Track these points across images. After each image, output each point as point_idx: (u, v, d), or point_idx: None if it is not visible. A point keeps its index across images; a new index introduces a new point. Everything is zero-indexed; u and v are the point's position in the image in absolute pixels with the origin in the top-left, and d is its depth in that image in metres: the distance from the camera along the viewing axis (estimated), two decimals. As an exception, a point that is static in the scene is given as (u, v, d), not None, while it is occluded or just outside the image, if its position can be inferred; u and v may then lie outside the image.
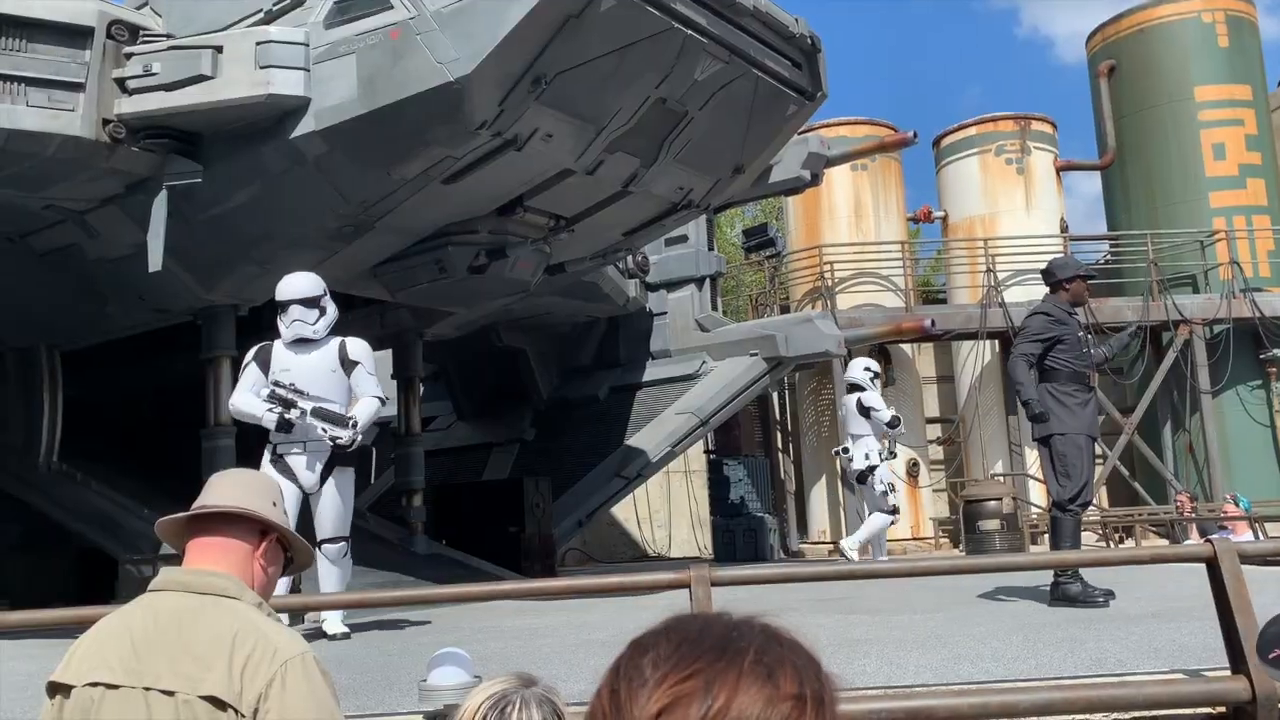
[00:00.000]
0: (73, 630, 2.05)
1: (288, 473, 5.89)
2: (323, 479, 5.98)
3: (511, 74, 6.25)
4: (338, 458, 5.98)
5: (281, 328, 6.12)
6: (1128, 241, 19.92)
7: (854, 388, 10.11)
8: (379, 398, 6.21)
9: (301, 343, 6.08)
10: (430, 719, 3.56)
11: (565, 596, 6.22)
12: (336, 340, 6.16)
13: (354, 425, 5.92)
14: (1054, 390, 6.15)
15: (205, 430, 8.18)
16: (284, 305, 6.09)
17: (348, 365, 6.11)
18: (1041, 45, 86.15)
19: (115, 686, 1.78)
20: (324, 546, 5.92)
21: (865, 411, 9.92)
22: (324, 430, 5.84)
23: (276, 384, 5.92)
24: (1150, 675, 3.67)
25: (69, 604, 3.91)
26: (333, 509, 6.00)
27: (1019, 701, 3.26)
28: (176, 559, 2.03)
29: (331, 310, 6.21)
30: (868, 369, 10.12)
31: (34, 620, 3.75)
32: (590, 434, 12.65)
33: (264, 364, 6.11)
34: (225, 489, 2.01)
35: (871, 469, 9.87)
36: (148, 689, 1.76)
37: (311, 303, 6.11)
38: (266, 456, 5.98)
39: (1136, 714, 3.37)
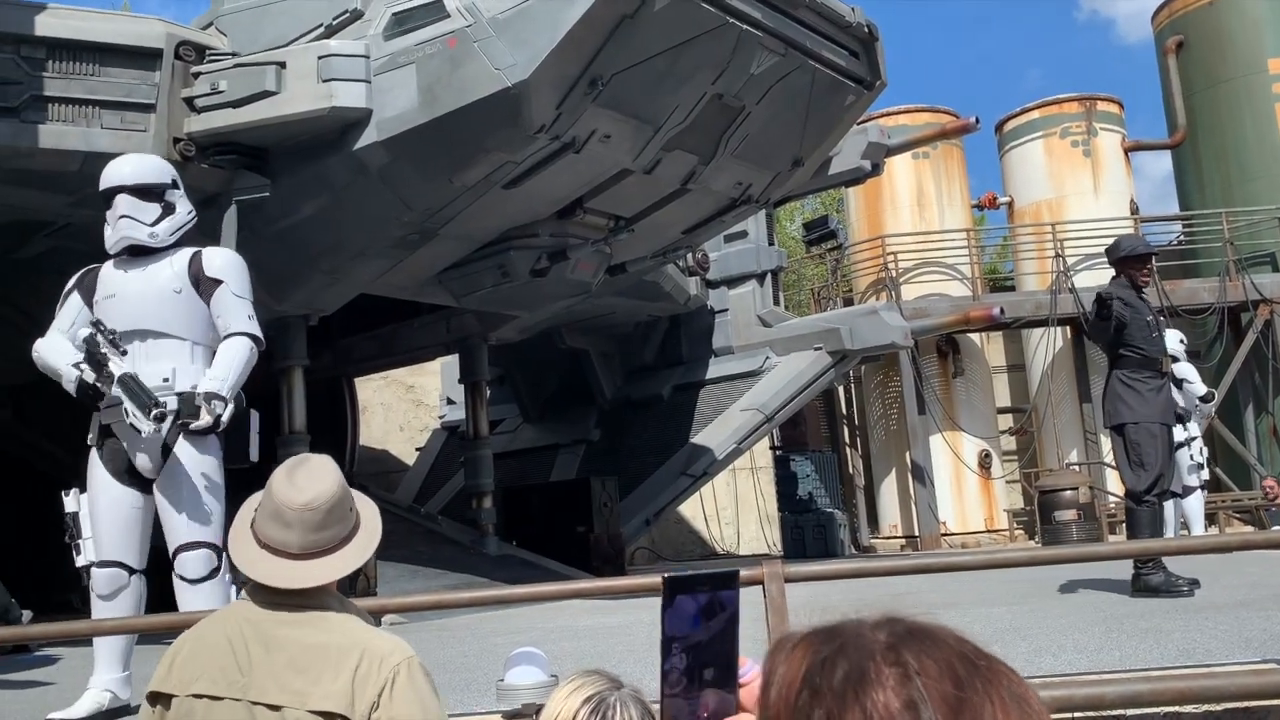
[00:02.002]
0: (161, 637, 2.09)
1: (116, 459, 4.09)
2: (166, 456, 4.06)
3: (568, 77, 6.29)
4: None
5: (107, 232, 4.26)
6: (1202, 221, 19.36)
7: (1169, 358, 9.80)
8: (252, 335, 4.19)
9: (136, 254, 4.22)
10: (508, 718, 3.59)
11: (639, 595, 6.21)
12: (188, 251, 4.26)
13: (171, 409, 3.90)
14: (1125, 377, 5.95)
15: (279, 438, 8.36)
16: (104, 197, 4.25)
17: (204, 284, 4.18)
18: (1103, 26, 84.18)
19: (218, 699, 1.77)
20: (180, 557, 4.03)
21: (1178, 383, 9.51)
22: (128, 415, 3.86)
23: (97, 326, 4.02)
24: (1242, 665, 3.56)
25: (154, 610, 4.03)
26: (189, 500, 4.05)
27: (1105, 694, 3.18)
28: None
29: (183, 210, 4.35)
30: (1182, 340, 9.76)
31: (127, 627, 3.87)
32: (655, 433, 12.67)
33: (88, 291, 4.27)
34: (312, 535, 1.86)
35: (1179, 445, 9.36)
36: (254, 703, 1.75)
37: (149, 193, 4.24)
38: (94, 430, 4.17)
39: (1228, 705, 3.27)
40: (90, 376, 3.92)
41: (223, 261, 4.28)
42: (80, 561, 4.01)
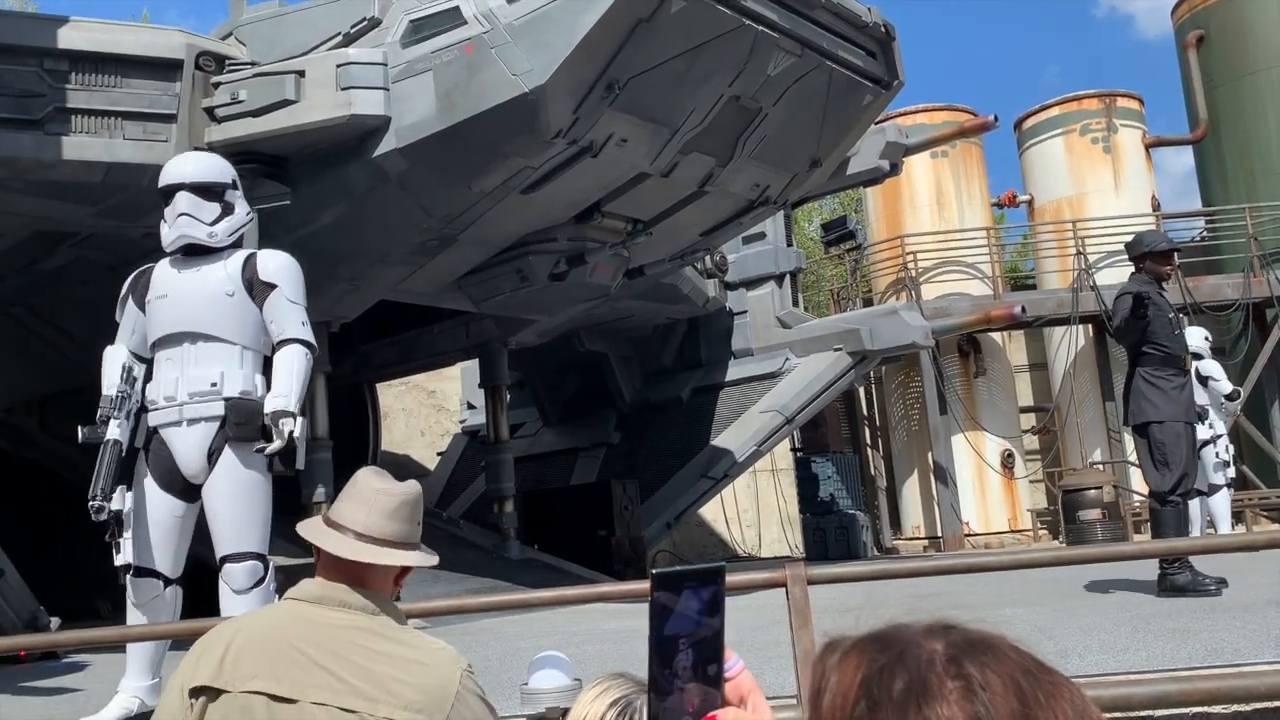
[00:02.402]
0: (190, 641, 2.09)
1: (161, 463, 4.06)
2: (212, 462, 4.03)
3: (585, 81, 6.30)
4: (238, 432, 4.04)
5: (163, 230, 4.21)
6: (1225, 216, 19.18)
7: (1194, 356, 9.77)
8: (306, 342, 4.13)
9: (191, 254, 4.14)
10: (533, 722, 3.59)
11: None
12: (242, 253, 4.22)
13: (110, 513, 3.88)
14: (1149, 375, 5.89)
15: (303, 445, 8.40)
16: (164, 193, 4.19)
17: (258, 288, 4.11)
18: (1121, 23, 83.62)
19: (281, 699, 1.74)
20: (227, 568, 4.03)
21: (1203, 380, 9.44)
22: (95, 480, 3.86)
23: (128, 374, 4.06)
24: (1271, 665, 3.53)
25: (182, 617, 4.06)
26: (236, 509, 4.02)
27: (1134, 695, 3.16)
28: (282, 571, 2.00)
29: (241, 211, 4.33)
30: (1207, 337, 9.69)
31: (155, 633, 3.90)
32: (675, 436, 12.66)
33: (141, 294, 4.20)
34: (384, 522, 1.90)
35: (1204, 443, 9.30)
36: (320, 704, 1.73)
37: (209, 191, 4.19)
38: (142, 432, 4.09)
39: (1258, 705, 3.24)
40: (101, 415, 4.02)
41: (277, 265, 4.20)
42: (119, 561, 4.00)
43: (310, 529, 1.94)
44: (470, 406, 15.22)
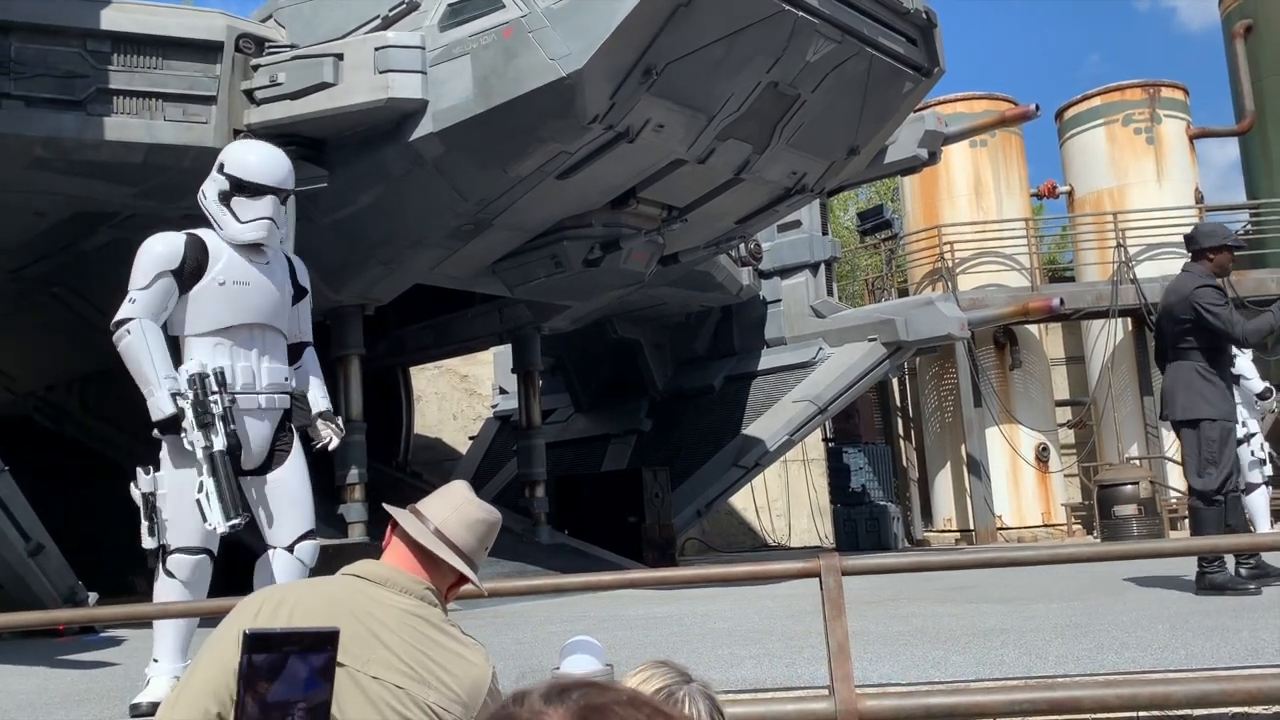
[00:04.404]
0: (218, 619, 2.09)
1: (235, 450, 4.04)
2: (276, 449, 4.18)
3: (622, 66, 6.27)
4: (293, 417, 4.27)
5: (226, 219, 4.17)
6: (1270, 209, 18.82)
7: None
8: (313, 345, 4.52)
9: (252, 250, 4.21)
10: (563, 706, 3.59)
11: (696, 585, 6.18)
12: (281, 255, 4.38)
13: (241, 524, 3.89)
14: (1203, 370, 5.76)
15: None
16: (251, 188, 4.18)
17: (297, 292, 4.38)
18: (1164, 15, 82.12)
19: (341, 664, 1.76)
20: (301, 545, 4.15)
21: (1235, 378, 9.34)
22: (201, 492, 3.88)
23: (217, 377, 3.99)
24: (1314, 666, 3.46)
25: (217, 594, 4.09)
26: (304, 492, 4.23)
27: (1172, 693, 3.11)
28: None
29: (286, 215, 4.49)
30: None
31: (190, 609, 3.94)
32: (707, 424, 12.64)
33: (195, 272, 4.08)
34: (461, 530, 2.01)
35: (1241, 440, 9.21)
36: (374, 677, 1.79)
37: (287, 198, 4.36)
38: (190, 418, 3.94)
39: (1301, 707, 3.18)
40: (188, 423, 3.90)
41: (305, 273, 4.47)
42: (150, 544, 4.01)
43: (402, 514, 2.05)
44: (502, 391, 15.27)
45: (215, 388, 3.95)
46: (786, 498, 16.69)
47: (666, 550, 10.86)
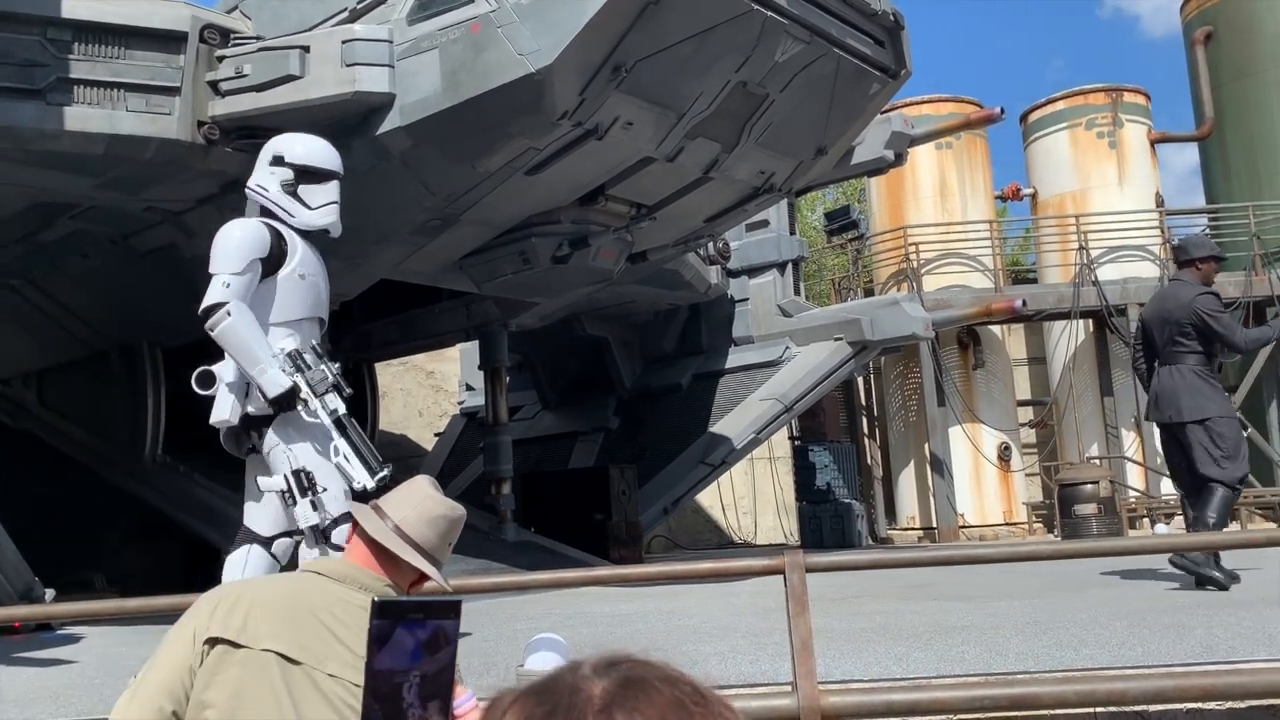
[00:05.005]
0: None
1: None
2: None
3: (592, 63, 6.26)
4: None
5: (296, 206, 4.21)
6: (1228, 214, 19.15)
7: None
8: None
9: (311, 239, 4.28)
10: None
11: (662, 582, 6.18)
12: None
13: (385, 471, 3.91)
14: (1201, 372, 6.02)
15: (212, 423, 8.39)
16: (319, 174, 4.24)
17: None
18: (1127, 23, 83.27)
19: (297, 662, 1.77)
20: (278, 543, 4.20)
21: None
22: (338, 455, 3.91)
23: (316, 350, 4.05)
24: (1267, 663, 3.53)
25: (178, 591, 4.04)
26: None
27: (1129, 690, 3.16)
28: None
29: None
30: None
31: (150, 607, 3.89)
32: (674, 422, 12.66)
33: (275, 261, 4.13)
34: (422, 527, 1.98)
35: None
36: (333, 675, 1.77)
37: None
38: (306, 389, 3.98)
39: (1253, 702, 3.24)
40: (307, 394, 3.93)
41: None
42: (314, 520, 3.93)
43: (361, 510, 2.03)
44: (469, 388, 15.21)
45: (314, 360, 3.99)
46: (753, 495, 16.76)
47: (633, 547, 10.87)
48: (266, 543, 4.13)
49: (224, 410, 4.10)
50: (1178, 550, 5.58)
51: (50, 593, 6.59)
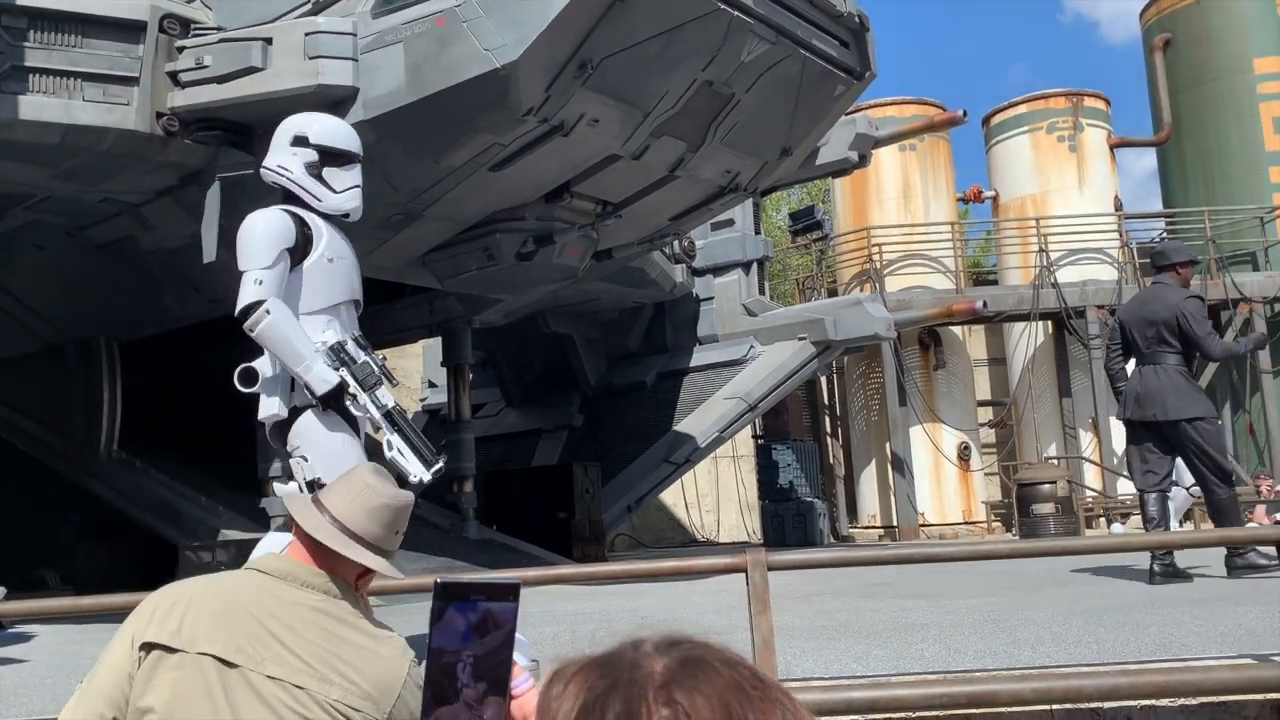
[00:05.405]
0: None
1: (354, 425, 4.03)
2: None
3: (558, 59, 6.23)
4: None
5: (321, 190, 4.11)
6: (1185, 218, 19.49)
7: None
8: None
9: (336, 222, 4.21)
10: (488, 702, 3.57)
11: (624, 581, 6.18)
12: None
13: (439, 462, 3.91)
14: (1183, 373, 6.16)
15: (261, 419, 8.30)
16: (343, 157, 4.16)
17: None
18: (1087, 27, 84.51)
19: (234, 665, 1.73)
20: None
21: None
22: (392, 450, 3.87)
23: (358, 341, 3.99)
24: (1218, 660, 3.59)
25: (133, 589, 3.98)
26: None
27: (1084, 687, 3.20)
28: (236, 546, 1.97)
29: None
30: None
31: (104, 605, 3.83)
32: (638, 420, 12.66)
33: (301, 250, 4.02)
34: (362, 519, 1.92)
35: None
36: (273, 678, 1.73)
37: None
38: (353, 384, 3.91)
39: (1205, 699, 3.30)
40: (355, 389, 3.87)
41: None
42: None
43: (296, 504, 1.96)
44: (431, 385, 15.11)
45: (356, 353, 3.91)
46: (716, 494, 16.81)
47: (596, 546, 10.86)
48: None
49: (272, 405, 4.03)
50: (1130, 550, 5.68)
51: (1, 590, 6.46)
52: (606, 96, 6.66)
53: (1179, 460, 6.32)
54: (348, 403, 3.89)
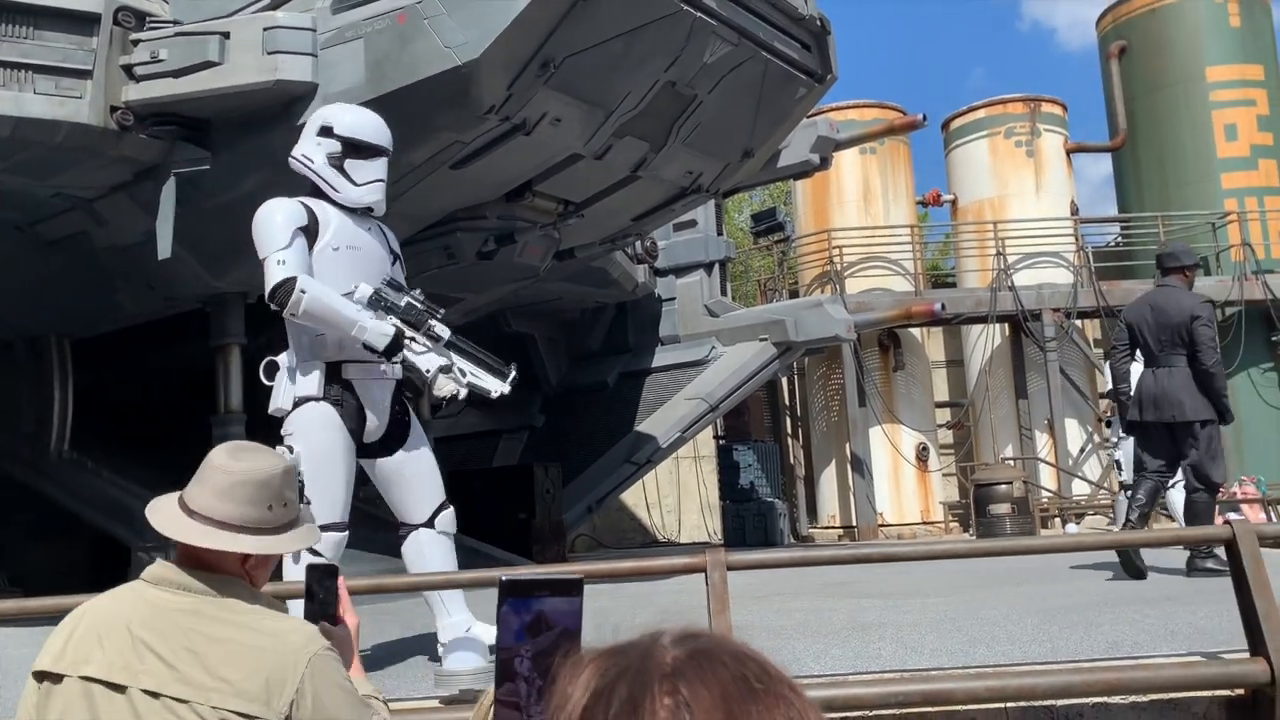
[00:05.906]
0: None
1: (351, 419, 4.06)
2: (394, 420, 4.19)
3: (520, 58, 6.21)
4: (407, 391, 4.31)
5: (341, 181, 4.11)
6: (1139, 224, 19.81)
7: None
8: None
9: (358, 213, 4.20)
10: (447, 703, 3.56)
11: (585, 580, 6.13)
12: (374, 221, 4.32)
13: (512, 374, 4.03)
14: (1192, 375, 6.18)
15: (215, 417, 8.19)
16: (368, 150, 4.16)
17: (395, 258, 4.37)
18: (1045, 34, 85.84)
19: (114, 685, 1.65)
20: (443, 514, 4.42)
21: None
22: (466, 376, 3.95)
23: (398, 286, 4.04)
24: (1169, 658, 3.65)
25: (83, 591, 3.91)
26: (433, 460, 4.43)
27: (1037, 684, 3.24)
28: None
29: None
30: None
31: (54, 607, 3.75)
32: (600, 420, 12.64)
33: (313, 234, 4.05)
34: (215, 502, 1.77)
35: None
36: (152, 694, 1.64)
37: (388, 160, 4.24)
38: (313, 384, 4.03)
39: (1155, 696, 3.35)
40: (411, 333, 3.89)
41: (395, 237, 4.44)
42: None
43: (150, 509, 1.82)
44: (392, 384, 14.97)
45: (394, 295, 3.93)
46: (677, 494, 16.83)
47: (556, 546, 10.83)
48: (429, 522, 4.32)
49: (279, 398, 4.11)
50: (1085, 549, 5.76)
51: (-53, 593, 6.32)
52: (569, 96, 6.65)
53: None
54: (405, 347, 3.88)
